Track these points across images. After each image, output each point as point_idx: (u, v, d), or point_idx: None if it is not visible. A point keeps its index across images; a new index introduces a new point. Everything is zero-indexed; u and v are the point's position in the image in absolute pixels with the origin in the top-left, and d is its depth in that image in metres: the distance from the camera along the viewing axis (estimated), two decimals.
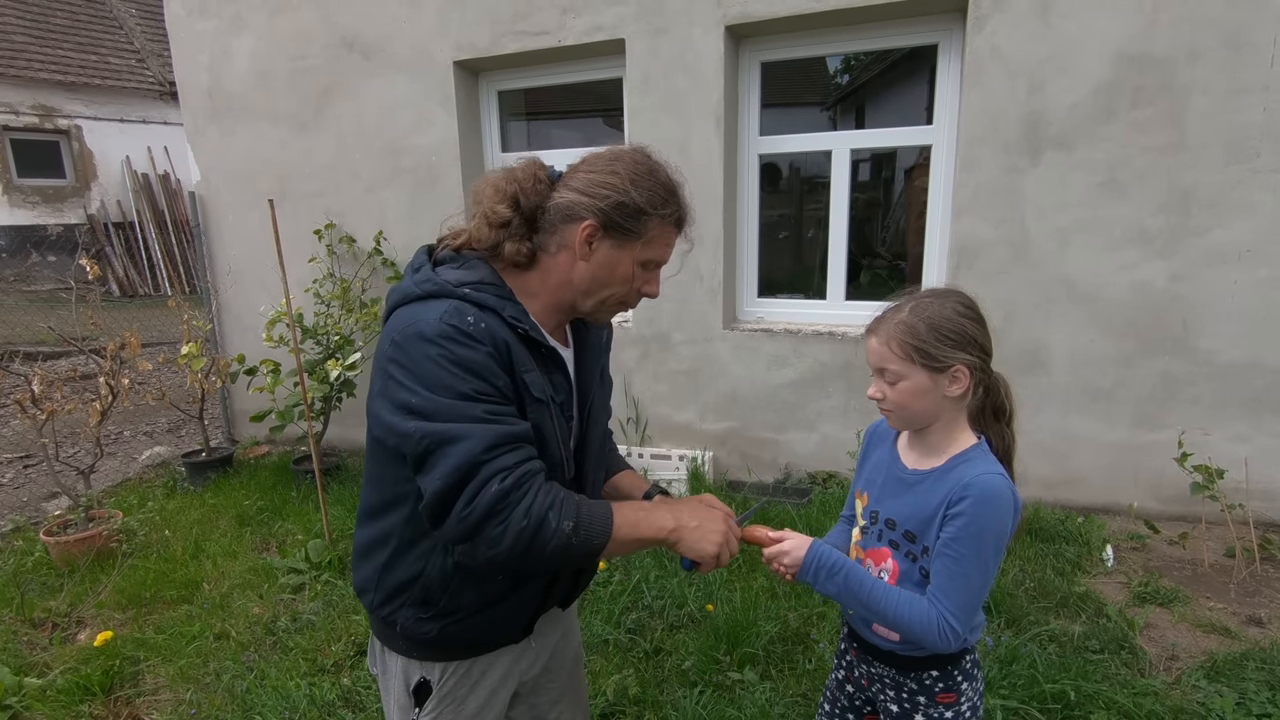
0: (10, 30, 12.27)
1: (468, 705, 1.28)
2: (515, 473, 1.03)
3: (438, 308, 1.06)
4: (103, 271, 11.62)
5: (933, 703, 1.26)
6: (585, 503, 1.10)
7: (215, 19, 4.71)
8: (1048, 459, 3.49)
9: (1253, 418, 3.18)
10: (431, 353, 1.02)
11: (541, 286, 1.19)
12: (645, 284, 1.22)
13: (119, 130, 12.99)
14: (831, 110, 6.72)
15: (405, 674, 1.26)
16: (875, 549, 1.28)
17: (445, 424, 1.01)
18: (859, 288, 4.63)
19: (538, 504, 1.03)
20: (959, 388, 1.16)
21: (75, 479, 3.76)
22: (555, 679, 1.47)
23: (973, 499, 1.11)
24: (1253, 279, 3.08)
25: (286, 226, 3.71)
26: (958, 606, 1.13)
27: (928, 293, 1.22)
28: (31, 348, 7.61)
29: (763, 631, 2.57)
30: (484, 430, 1.02)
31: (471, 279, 1.13)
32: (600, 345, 1.37)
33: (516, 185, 1.16)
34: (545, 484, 1.07)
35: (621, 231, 1.15)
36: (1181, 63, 3.01)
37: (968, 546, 1.11)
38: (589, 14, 3.86)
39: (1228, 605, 2.72)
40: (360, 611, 2.83)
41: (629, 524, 1.12)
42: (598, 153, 1.20)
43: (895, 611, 1.16)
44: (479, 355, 1.04)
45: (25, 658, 2.70)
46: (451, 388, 1.02)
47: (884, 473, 1.30)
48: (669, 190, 1.18)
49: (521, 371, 1.10)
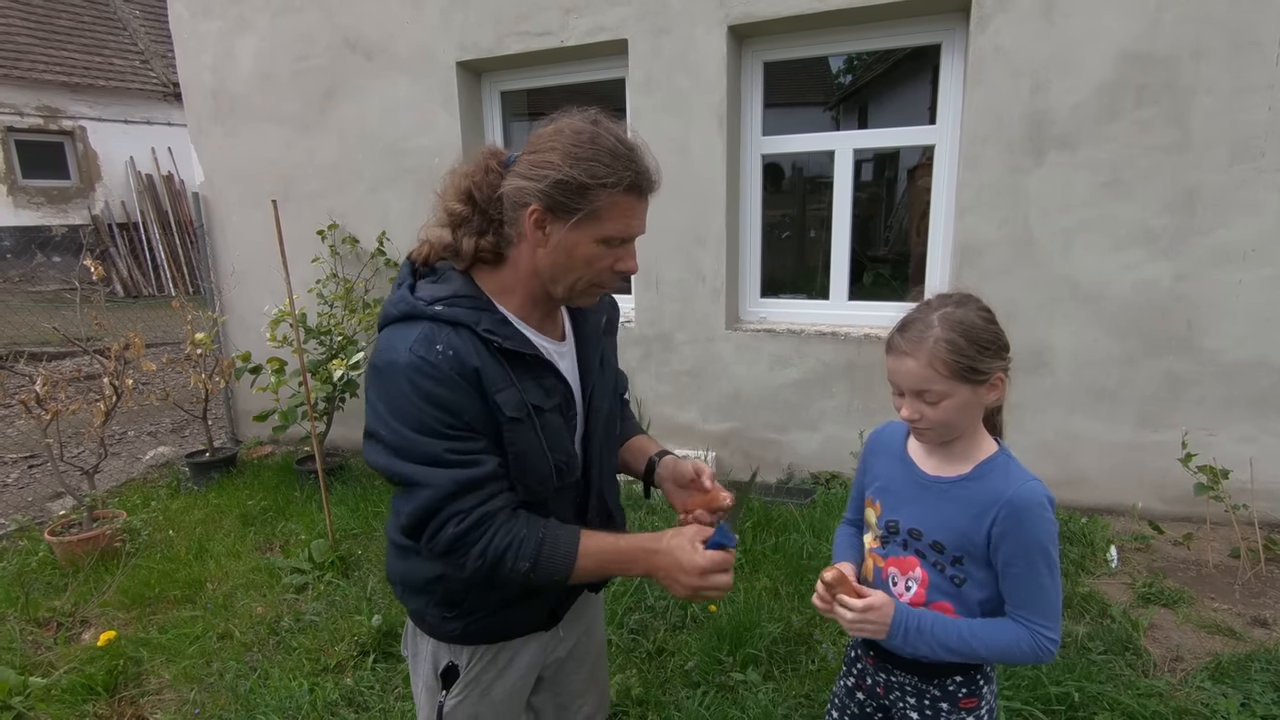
0: (14, 32, 12.32)
1: (494, 691, 1.30)
2: (471, 516, 1.08)
3: (410, 334, 1.08)
4: (107, 272, 11.64)
5: (955, 709, 1.25)
6: (548, 540, 1.11)
7: (219, 20, 4.72)
8: (1051, 459, 3.48)
9: (1258, 418, 3.17)
10: (402, 385, 1.06)
11: (515, 280, 1.16)
12: (617, 261, 1.13)
13: (123, 131, 13.03)
14: (834, 110, 6.72)
15: (434, 657, 1.30)
16: (901, 558, 1.25)
17: (410, 466, 1.07)
18: (862, 288, 4.63)
19: (494, 546, 1.09)
20: (996, 394, 1.15)
21: (79, 479, 3.77)
22: (580, 668, 1.49)
23: (1024, 513, 1.11)
24: (1258, 278, 3.07)
25: (290, 227, 3.71)
26: (1046, 616, 1.12)
27: (941, 300, 1.17)
28: (36, 348, 7.64)
29: (765, 632, 2.57)
30: (444, 477, 1.07)
31: (444, 294, 1.12)
32: (596, 331, 1.32)
33: (469, 179, 1.13)
34: (505, 524, 1.10)
35: (569, 210, 1.06)
36: (1185, 62, 3.00)
37: (1035, 559, 1.12)
38: (591, 14, 3.86)
39: (1232, 606, 2.70)
40: (362, 613, 2.84)
41: (594, 564, 1.13)
42: (542, 130, 1.11)
43: (988, 648, 1.14)
44: (443, 390, 1.05)
45: (30, 657, 2.70)
46: (418, 422, 1.06)
47: (899, 480, 1.27)
48: (615, 156, 1.06)
49: (494, 393, 1.09)
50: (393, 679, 2.51)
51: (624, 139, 1.09)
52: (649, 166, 1.11)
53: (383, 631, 2.69)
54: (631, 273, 1.16)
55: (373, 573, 3.22)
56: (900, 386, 1.17)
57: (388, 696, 2.41)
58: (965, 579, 1.18)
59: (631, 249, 1.15)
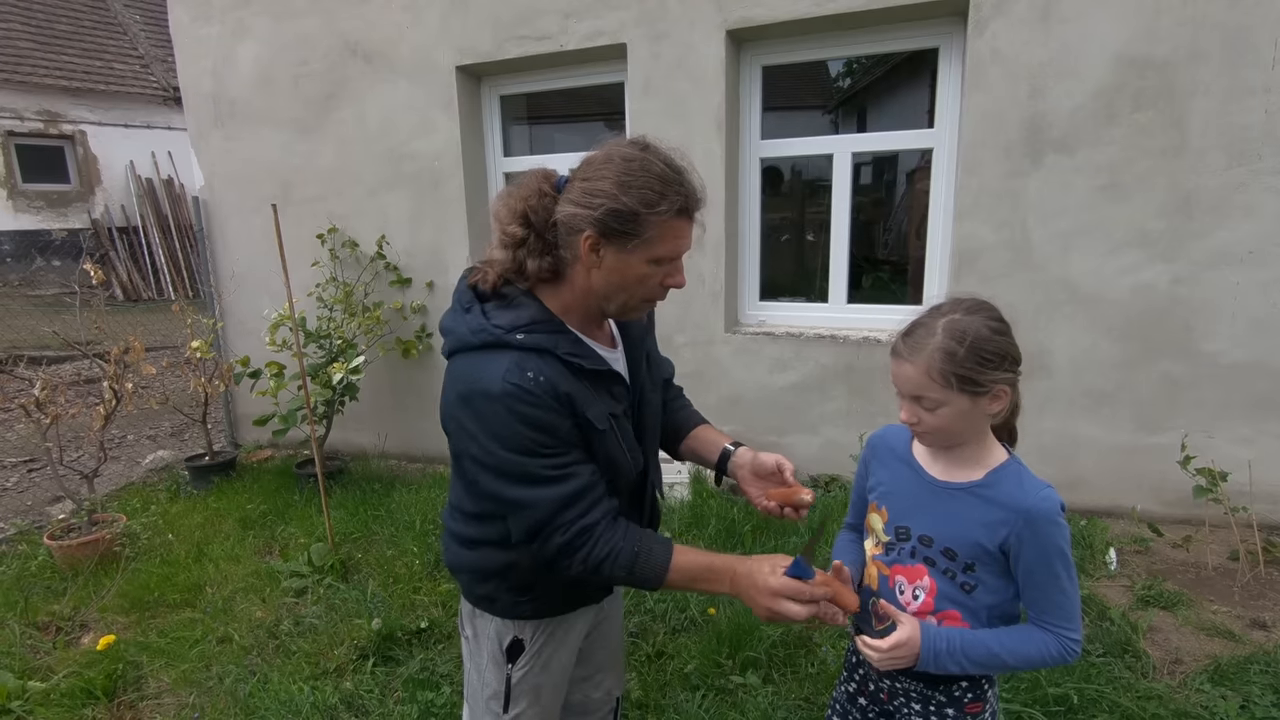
0: (15, 36, 12.35)
1: (553, 663, 1.42)
2: (573, 529, 1.17)
3: (499, 364, 1.14)
4: (106, 276, 11.64)
5: (961, 714, 1.25)
6: (643, 553, 1.19)
7: (219, 25, 4.73)
8: (1050, 462, 3.48)
9: (1256, 420, 3.17)
10: (499, 410, 1.13)
11: (573, 298, 1.23)
12: (666, 278, 1.21)
13: (123, 135, 13.06)
14: (833, 114, 6.73)
15: (498, 635, 1.39)
16: (908, 566, 1.24)
17: (514, 489, 1.16)
18: (861, 291, 4.63)
19: (594, 556, 1.18)
20: (999, 405, 1.14)
21: (79, 483, 3.77)
22: (605, 642, 1.60)
23: (1042, 525, 1.13)
24: (1255, 281, 3.08)
25: (289, 231, 3.72)
26: (1069, 619, 1.14)
27: (953, 305, 1.16)
28: (36, 352, 7.64)
29: (765, 635, 2.57)
30: (546, 496, 1.15)
31: (523, 321, 1.18)
32: (640, 335, 1.40)
33: (524, 202, 1.19)
34: (605, 535, 1.18)
35: (622, 236, 1.13)
36: (1183, 65, 3.01)
37: (1056, 566, 1.13)
38: (590, 19, 3.88)
39: (1232, 609, 2.71)
40: (362, 616, 2.84)
41: (684, 579, 1.21)
42: (593, 156, 1.18)
43: (1016, 657, 1.15)
44: (541, 413, 1.13)
45: (29, 661, 2.70)
46: (519, 443, 1.13)
47: (907, 484, 1.26)
48: (665, 183, 1.13)
49: (583, 410, 1.18)
50: (392, 683, 2.51)
51: (672, 163, 1.15)
52: (696, 187, 1.17)
53: (383, 635, 2.69)
54: (680, 286, 1.24)
55: (372, 576, 3.22)
56: (900, 390, 1.18)
57: (387, 700, 2.41)
58: (976, 585, 1.18)
59: (679, 265, 1.22)
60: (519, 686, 1.39)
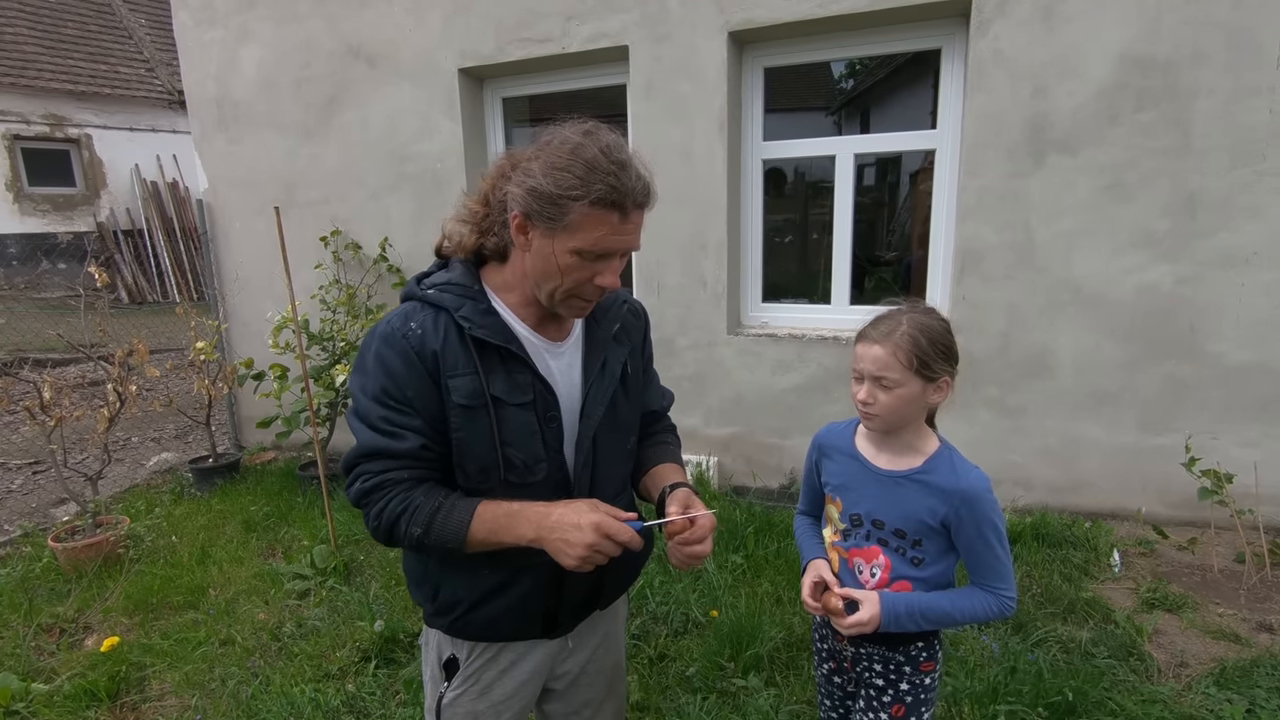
0: (21, 40, 12.42)
1: (494, 690, 1.32)
2: (374, 479, 1.16)
3: (398, 311, 1.19)
4: (111, 279, 11.71)
5: (916, 671, 1.40)
6: (443, 509, 1.15)
7: (223, 29, 4.75)
8: (1054, 464, 3.47)
9: (1262, 422, 3.16)
10: (372, 348, 1.17)
11: (513, 278, 1.22)
12: (595, 275, 1.13)
13: (128, 139, 13.12)
14: (835, 115, 6.72)
15: (439, 648, 1.35)
16: (864, 548, 1.39)
17: (354, 421, 1.18)
18: (863, 292, 4.62)
19: (389, 510, 1.15)
20: (940, 396, 1.32)
21: (83, 485, 3.78)
22: (594, 683, 1.47)
23: (976, 502, 1.29)
24: (1260, 282, 3.06)
25: (293, 233, 3.73)
26: (1004, 580, 1.31)
27: (911, 307, 1.34)
28: (41, 354, 7.68)
29: (767, 637, 2.56)
30: (366, 437, 1.16)
31: (440, 280, 1.21)
32: (605, 340, 1.30)
33: (489, 182, 1.21)
34: (403, 492, 1.16)
35: (545, 220, 1.08)
36: (1186, 65, 3.00)
37: (990, 536, 1.30)
38: (593, 21, 3.88)
39: (1237, 611, 2.69)
40: (365, 618, 2.84)
41: (486, 530, 1.14)
42: (544, 138, 1.12)
43: (964, 613, 1.32)
44: (398, 362, 1.14)
45: (33, 663, 2.71)
46: (372, 383, 1.16)
47: (856, 476, 1.41)
48: (591, 169, 1.04)
49: (448, 377, 1.14)
50: (394, 685, 2.51)
51: (610, 152, 1.06)
52: (630, 184, 1.07)
53: (385, 637, 2.69)
54: (610, 289, 1.16)
55: (375, 578, 3.22)
56: (862, 371, 1.32)
57: (389, 703, 2.41)
58: (923, 559, 1.34)
59: (612, 264, 1.14)
60: (450, 709, 1.32)
